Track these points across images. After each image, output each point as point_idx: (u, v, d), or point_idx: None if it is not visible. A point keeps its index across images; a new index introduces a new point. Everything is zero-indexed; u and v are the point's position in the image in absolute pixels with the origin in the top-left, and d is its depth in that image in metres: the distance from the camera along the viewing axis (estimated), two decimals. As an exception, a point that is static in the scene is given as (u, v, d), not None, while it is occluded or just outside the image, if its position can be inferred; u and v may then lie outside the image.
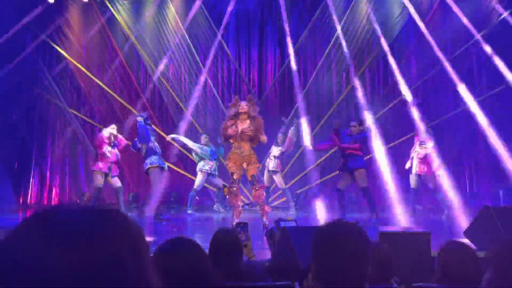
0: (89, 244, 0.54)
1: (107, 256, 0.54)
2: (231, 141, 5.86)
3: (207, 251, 1.83)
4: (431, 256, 3.32)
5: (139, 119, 7.14)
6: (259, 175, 6.15)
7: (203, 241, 1.93)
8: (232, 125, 5.76)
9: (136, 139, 7.37)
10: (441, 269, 1.98)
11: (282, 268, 2.82)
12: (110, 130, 7.52)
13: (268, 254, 3.72)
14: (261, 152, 8.35)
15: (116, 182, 7.65)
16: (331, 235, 1.28)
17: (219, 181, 8.26)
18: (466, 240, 3.70)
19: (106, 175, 7.51)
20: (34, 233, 0.55)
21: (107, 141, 7.46)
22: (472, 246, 3.36)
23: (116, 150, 7.61)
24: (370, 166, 7.60)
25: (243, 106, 5.73)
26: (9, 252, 0.53)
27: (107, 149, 7.44)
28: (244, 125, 5.76)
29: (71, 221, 0.56)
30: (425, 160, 7.44)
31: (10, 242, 0.55)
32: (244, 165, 5.77)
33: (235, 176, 5.82)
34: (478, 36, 8.85)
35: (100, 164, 7.42)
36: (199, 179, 8.36)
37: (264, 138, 5.83)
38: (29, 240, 0.54)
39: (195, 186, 8.34)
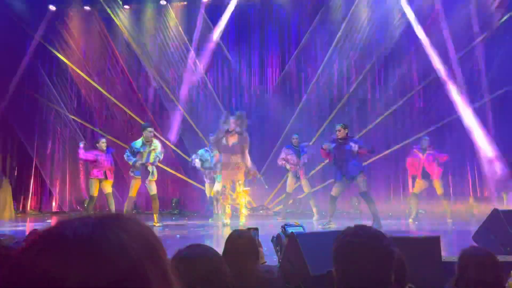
0: (108, 258, 0.50)
1: (128, 269, 0.50)
2: (222, 153, 6.84)
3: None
4: (442, 260, 3.24)
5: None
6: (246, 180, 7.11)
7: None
8: (222, 138, 6.80)
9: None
10: (460, 273, 1.91)
11: (291, 275, 2.74)
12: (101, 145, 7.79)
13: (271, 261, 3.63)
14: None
15: (107, 188, 7.70)
16: (354, 241, 1.22)
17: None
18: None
19: (100, 181, 7.67)
20: (48, 249, 0.50)
21: (96, 153, 7.71)
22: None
23: (110, 156, 7.77)
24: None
25: (232, 125, 6.76)
26: (23, 268, 0.49)
27: (98, 156, 7.65)
28: (233, 140, 6.73)
29: (86, 234, 0.51)
30: (430, 167, 7.37)
31: (25, 258, 0.50)
32: (236, 170, 6.79)
33: (224, 183, 6.85)
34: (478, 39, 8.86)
35: (95, 172, 7.65)
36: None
37: (247, 157, 6.88)
38: (44, 257, 0.49)
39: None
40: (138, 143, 7.33)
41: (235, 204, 7.03)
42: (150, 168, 7.30)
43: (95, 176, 7.65)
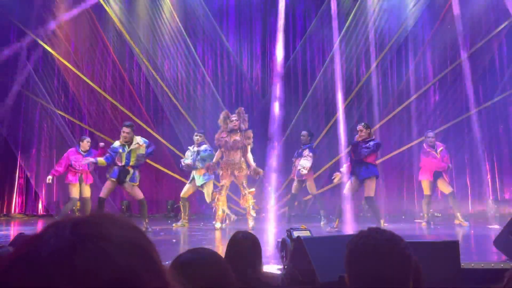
0: (92, 272, 0.48)
1: (118, 279, 0.49)
2: (223, 150, 7.08)
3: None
4: (461, 267, 3.25)
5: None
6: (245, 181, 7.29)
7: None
8: (225, 137, 7.01)
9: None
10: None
11: (298, 283, 2.75)
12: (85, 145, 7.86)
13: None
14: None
15: (85, 192, 7.77)
16: (370, 243, 1.22)
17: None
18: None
19: (80, 185, 7.75)
20: (22, 273, 0.49)
21: (72, 157, 7.73)
22: None
23: (88, 159, 7.53)
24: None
25: (234, 122, 6.99)
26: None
27: (72, 161, 7.69)
28: (235, 137, 6.97)
29: (63, 250, 0.50)
30: (439, 165, 7.34)
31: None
32: (236, 172, 7.01)
33: (224, 183, 7.12)
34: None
35: (70, 176, 7.72)
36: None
37: (250, 156, 7.11)
38: (19, 283, 0.48)
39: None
40: (116, 143, 7.06)
41: (243, 206, 7.43)
42: (131, 171, 6.95)
43: (69, 181, 7.73)
